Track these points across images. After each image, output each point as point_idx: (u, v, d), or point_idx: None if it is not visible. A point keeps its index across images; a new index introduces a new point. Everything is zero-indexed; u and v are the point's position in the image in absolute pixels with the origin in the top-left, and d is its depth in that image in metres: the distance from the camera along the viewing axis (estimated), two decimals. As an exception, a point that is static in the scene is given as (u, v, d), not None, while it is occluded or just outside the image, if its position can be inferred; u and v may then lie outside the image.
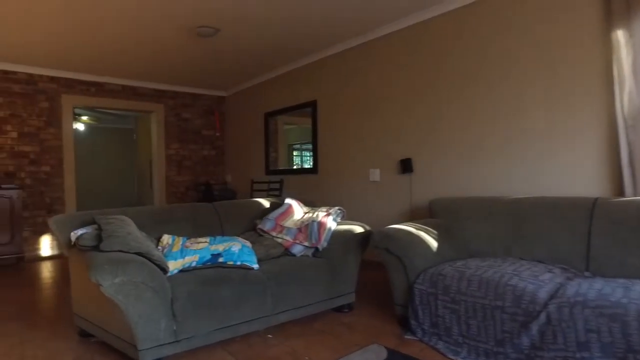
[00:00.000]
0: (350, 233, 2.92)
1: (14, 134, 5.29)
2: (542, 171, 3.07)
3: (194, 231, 2.90)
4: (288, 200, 3.35)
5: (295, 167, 6.13)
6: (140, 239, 2.27)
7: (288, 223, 3.16)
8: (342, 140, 4.92)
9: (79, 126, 8.44)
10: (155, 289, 2.04)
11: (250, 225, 3.22)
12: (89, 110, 8.27)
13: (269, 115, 6.20)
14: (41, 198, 5.46)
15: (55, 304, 3.44)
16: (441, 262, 2.55)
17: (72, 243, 2.35)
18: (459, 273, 2.28)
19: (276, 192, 5.39)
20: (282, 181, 5.35)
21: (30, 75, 5.40)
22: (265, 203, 3.43)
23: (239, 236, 3.05)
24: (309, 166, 5.57)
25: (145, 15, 3.81)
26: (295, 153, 6.42)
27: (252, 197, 5.80)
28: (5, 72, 5.23)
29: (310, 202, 3.59)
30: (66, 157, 5.65)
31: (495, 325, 2.05)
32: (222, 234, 3.05)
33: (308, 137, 5.44)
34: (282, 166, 6.10)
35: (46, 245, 5.49)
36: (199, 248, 2.56)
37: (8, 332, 2.76)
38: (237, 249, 2.61)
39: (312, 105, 5.38)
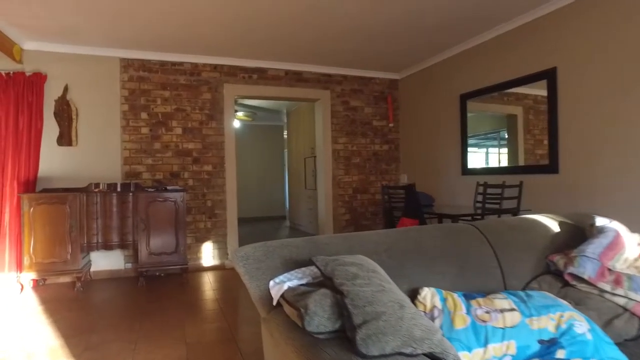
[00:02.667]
0: None
1: (179, 130, 4.78)
2: None
3: (461, 278, 1.53)
4: (609, 224, 1.76)
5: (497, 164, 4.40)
6: (417, 315, 0.97)
7: (623, 265, 1.60)
8: (599, 126, 3.10)
9: (235, 123, 8.06)
10: None
11: (541, 265, 1.73)
12: (244, 108, 7.82)
13: (467, 98, 4.62)
14: (203, 201, 4.86)
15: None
16: None
17: (275, 301, 1.20)
18: None
19: (508, 200, 3.74)
20: (521, 184, 3.70)
21: (195, 65, 4.84)
22: (552, 224, 1.90)
23: (530, 284, 1.60)
24: (532, 163, 3.83)
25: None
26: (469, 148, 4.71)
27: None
28: (173, 64, 4.74)
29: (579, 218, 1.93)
30: (228, 155, 4.97)
31: None
32: (503, 279, 1.62)
33: (495, 126, 3.76)
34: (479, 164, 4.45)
35: (207, 254, 4.87)
36: (508, 325, 1.19)
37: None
38: (585, 331, 1.17)
39: (548, 75, 3.64)
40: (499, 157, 4.50)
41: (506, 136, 4.47)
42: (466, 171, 4.69)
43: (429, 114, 5.28)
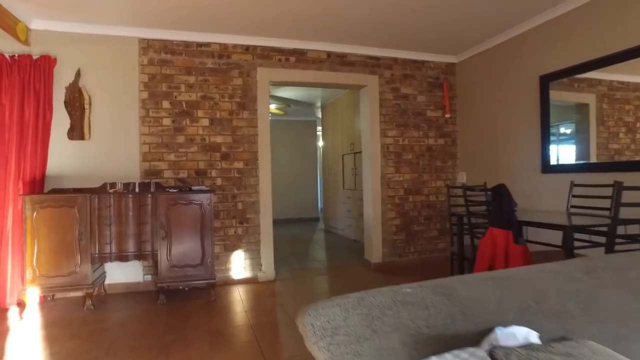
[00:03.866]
0: None
1: (205, 121, 4.13)
2: None
3: None
4: None
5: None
6: None
7: None
8: None
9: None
10: None
11: None
12: (275, 100, 7.14)
13: (550, 79, 3.76)
14: (233, 203, 4.20)
15: None
16: None
17: None
18: None
19: (628, 207, 2.89)
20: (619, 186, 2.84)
21: (224, 46, 4.18)
22: None
23: None
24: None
25: None
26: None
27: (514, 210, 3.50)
28: (200, 45, 4.10)
29: None
30: (262, 149, 4.29)
31: None
32: None
33: (560, 117, 2.95)
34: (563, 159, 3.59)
35: (238, 265, 4.21)
36: None
37: None
38: None
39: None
40: (572, 151, 3.68)
41: (575, 128, 3.71)
42: (548, 168, 3.84)
43: (495, 101, 4.44)
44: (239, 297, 3.69)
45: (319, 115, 9.45)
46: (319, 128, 10.23)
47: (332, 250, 5.93)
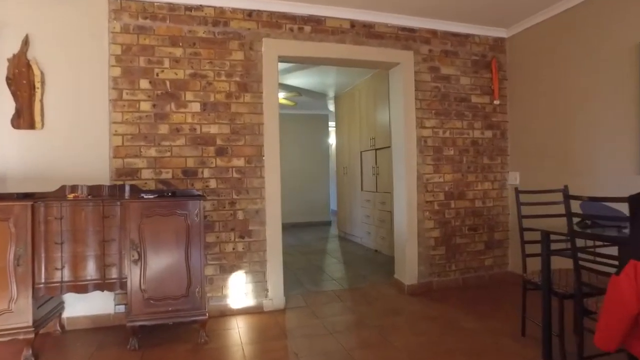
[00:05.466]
0: None
1: (196, 106, 3.21)
2: None
3: None
4: None
5: None
6: None
7: None
8: None
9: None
10: None
11: None
12: (283, 88, 6.20)
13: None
14: (231, 212, 3.27)
15: None
16: None
17: None
18: None
19: None
20: None
21: (221, 10, 3.26)
22: None
23: None
24: None
25: None
26: None
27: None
28: (189, 8, 3.18)
29: None
30: (268, 143, 3.36)
31: None
32: None
33: None
34: None
35: (238, 291, 3.29)
36: None
37: None
38: None
39: None
40: None
41: None
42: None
43: (563, 82, 3.48)
44: (237, 338, 2.77)
45: (331, 108, 8.52)
46: (331, 124, 9.30)
47: (352, 265, 4.99)
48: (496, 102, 4.08)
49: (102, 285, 2.60)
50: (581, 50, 3.33)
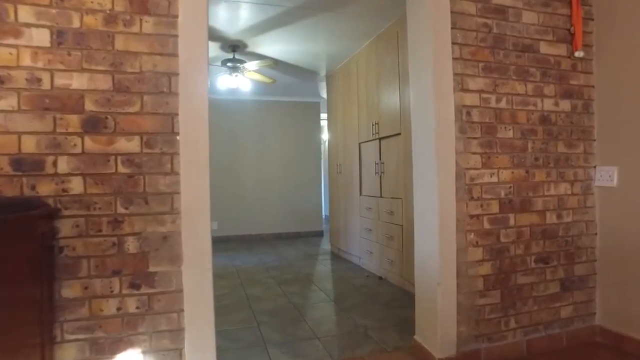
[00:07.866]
0: None
1: (42, 36, 1.65)
2: None
3: None
4: None
5: None
6: None
7: None
8: None
9: (238, 83, 4.94)
10: None
11: None
12: (254, 57, 4.63)
13: None
14: (114, 240, 1.71)
15: None
16: None
17: None
18: None
19: None
20: None
21: None
22: None
23: None
24: None
25: None
26: None
27: None
28: None
29: None
30: (189, 111, 1.80)
31: None
32: None
33: None
34: None
35: (131, 389, 1.72)
36: None
37: None
38: None
39: None
40: None
41: None
42: None
43: None
44: None
45: (324, 95, 6.98)
46: (325, 115, 7.76)
47: (347, 305, 3.44)
48: (578, 54, 2.53)
49: None
50: None
